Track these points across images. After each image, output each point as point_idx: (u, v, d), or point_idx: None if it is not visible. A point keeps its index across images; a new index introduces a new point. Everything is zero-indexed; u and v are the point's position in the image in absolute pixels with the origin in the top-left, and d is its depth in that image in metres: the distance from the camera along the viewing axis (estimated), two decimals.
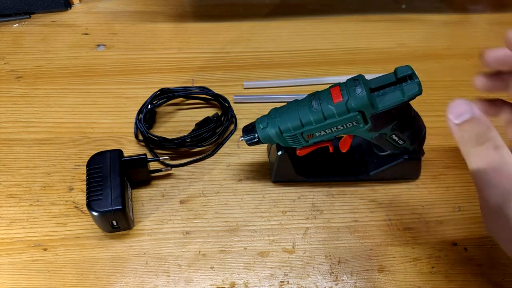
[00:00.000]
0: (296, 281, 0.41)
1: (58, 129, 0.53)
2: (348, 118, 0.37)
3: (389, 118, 0.38)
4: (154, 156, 0.50)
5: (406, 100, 0.36)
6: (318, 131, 0.39)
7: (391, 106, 0.36)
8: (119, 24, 0.68)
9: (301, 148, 0.42)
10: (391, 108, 0.36)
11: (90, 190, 0.41)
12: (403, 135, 0.41)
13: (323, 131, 0.39)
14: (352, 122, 0.38)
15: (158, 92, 0.54)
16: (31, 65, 0.61)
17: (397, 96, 0.36)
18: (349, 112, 0.37)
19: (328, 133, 0.39)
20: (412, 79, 0.36)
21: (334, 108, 0.37)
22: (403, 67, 0.36)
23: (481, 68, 0.35)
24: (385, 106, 0.36)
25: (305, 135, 0.39)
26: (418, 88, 0.35)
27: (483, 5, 0.72)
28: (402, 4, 0.72)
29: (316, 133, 0.39)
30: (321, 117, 0.37)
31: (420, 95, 0.36)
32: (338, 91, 0.37)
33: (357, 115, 0.37)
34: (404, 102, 0.36)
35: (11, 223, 0.45)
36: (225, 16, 0.69)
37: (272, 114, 0.40)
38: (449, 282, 0.41)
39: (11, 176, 0.49)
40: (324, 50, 0.64)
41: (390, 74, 0.37)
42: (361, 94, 0.36)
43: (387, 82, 0.37)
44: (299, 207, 0.46)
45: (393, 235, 0.44)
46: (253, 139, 0.41)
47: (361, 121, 0.37)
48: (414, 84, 0.35)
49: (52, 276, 0.41)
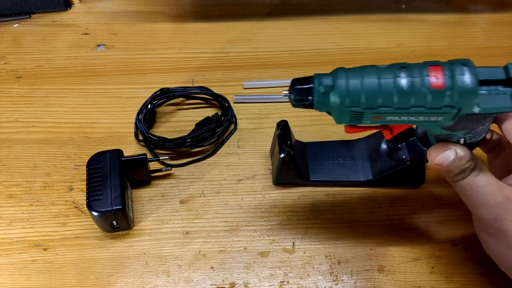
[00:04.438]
0: (296, 281, 0.41)
1: (58, 129, 0.53)
2: (441, 112, 0.29)
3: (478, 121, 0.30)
4: (154, 156, 0.50)
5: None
6: (394, 115, 0.30)
7: (494, 111, 0.28)
8: (119, 24, 0.68)
9: (355, 126, 0.32)
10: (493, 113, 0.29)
11: (90, 190, 0.41)
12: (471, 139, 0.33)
13: (397, 117, 0.30)
14: (439, 118, 0.29)
15: (158, 92, 0.54)
16: (31, 65, 0.61)
17: (506, 102, 0.28)
18: (446, 106, 0.28)
19: (402, 120, 0.30)
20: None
21: (430, 95, 0.28)
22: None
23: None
24: (486, 109, 0.28)
25: (373, 115, 0.30)
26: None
27: (483, 5, 0.72)
28: (402, 4, 0.72)
29: (388, 117, 0.30)
30: (408, 101, 0.28)
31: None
32: (439, 71, 0.28)
33: (452, 111, 0.28)
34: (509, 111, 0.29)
35: (11, 223, 0.45)
36: (225, 16, 0.69)
37: (340, 76, 0.30)
38: (449, 282, 0.41)
39: (11, 176, 0.49)
40: (324, 50, 0.64)
41: (499, 69, 0.29)
42: (470, 86, 0.27)
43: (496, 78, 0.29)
44: (299, 207, 0.46)
45: (393, 235, 0.44)
46: (303, 101, 0.30)
47: (452, 118, 0.29)
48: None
49: (52, 276, 0.41)
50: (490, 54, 0.63)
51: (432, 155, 0.34)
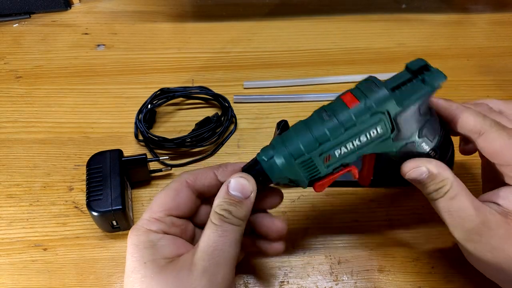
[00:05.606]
0: (296, 281, 0.41)
1: (58, 129, 0.53)
2: (372, 123, 0.31)
3: (417, 117, 0.32)
4: (154, 156, 0.50)
5: (433, 91, 0.31)
6: (337, 147, 0.31)
7: (419, 99, 0.31)
8: (119, 24, 0.68)
9: (320, 179, 0.33)
10: (418, 102, 0.31)
11: (90, 190, 0.41)
12: (433, 141, 0.34)
13: (343, 148, 0.32)
14: (377, 129, 0.31)
15: (158, 92, 0.54)
16: (31, 65, 0.61)
17: (422, 87, 0.31)
18: (372, 115, 0.31)
19: (350, 150, 0.32)
20: (429, 70, 0.32)
21: (352, 113, 0.31)
22: (414, 61, 0.32)
23: (481, 68, 0.35)
24: (412, 100, 0.31)
25: (322, 158, 0.32)
26: (443, 74, 0.31)
27: (483, 5, 0.72)
28: (402, 4, 0.72)
29: (335, 152, 0.32)
30: (339, 128, 0.31)
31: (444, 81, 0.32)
32: (350, 96, 0.31)
33: (382, 117, 0.31)
34: (430, 94, 0.32)
35: (11, 223, 0.45)
36: (225, 16, 0.69)
37: (276, 141, 0.33)
38: (449, 282, 0.41)
39: (11, 176, 0.49)
40: (324, 50, 0.64)
41: (403, 72, 0.32)
42: (380, 90, 0.31)
43: (403, 80, 0.32)
44: (299, 207, 0.46)
45: (393, 235, 0.44)
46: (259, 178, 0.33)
47: (388, 125, 0.31)
48: (435, 72, 0.31)
49: (52, 276, 0.41)
50: (490, 54, 0.63)
51: (404, 169, 0.33)
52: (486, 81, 0.60)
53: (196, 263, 0.29)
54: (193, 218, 0.35)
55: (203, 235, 0.30)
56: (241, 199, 0.31)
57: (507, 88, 0.59)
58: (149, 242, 0.31)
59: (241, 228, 0.31)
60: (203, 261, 0.29)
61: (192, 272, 0.29)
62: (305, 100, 0.57)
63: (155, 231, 0.32)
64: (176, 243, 0.32)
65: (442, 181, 0.32)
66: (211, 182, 0.34)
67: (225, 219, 0.30)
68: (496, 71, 0.61)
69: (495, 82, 0.59)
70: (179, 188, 0.33)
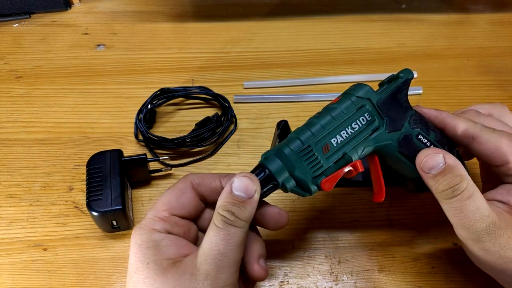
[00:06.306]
0: (296, 281, 0.41)
1: (58, 129, 0.53)
2: (358, 109, 0.34)
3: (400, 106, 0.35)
4: (154, 156, 0.50)
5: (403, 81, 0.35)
6: (332, 135, 0.33)
7: (393, 88, 0.35)
8: (119, 24, 0.68)
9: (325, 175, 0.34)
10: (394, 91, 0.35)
11: (90, 190, 0.41)
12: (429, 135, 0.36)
13: (339, 136, 0.33)
14: (365, 116, 0.34)
15: (158, 92, 0.54)
16: (31, 65, 0.61)
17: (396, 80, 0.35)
18: (355, 103, 0.34)
19: (345, 138, 0.33)
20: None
21: (337, 104, 0.34)
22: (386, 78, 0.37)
23: (481, 68, 0.35)
24: (388, 88, 0.35)
25: (320, 147, 0.33)
26: (409, 70, 0.36)
27: (483, 5, 0.72)
28: (402, 4, 0.72)
29: (331, 141, 0.33)
30: (327, 117, 0.34)
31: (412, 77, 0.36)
32: (335, 99, 0.35)
33: (365, 103, 0.34)
34: (403, 83, 0.35)
35: (11, 223, 0.45)
36: (225, 16, 0.69)
37: (276, 145, 0.35)
38: (449, 282, 0.41)
39: (11, 176, 0.49)
40: (324, 50, 0.64)
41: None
42: (358, 85, 0.35)
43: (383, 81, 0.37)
44: (299, 207, 0.46)
45: (393, 235, 0.44)
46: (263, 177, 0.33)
47: (374, 112, 0.34)
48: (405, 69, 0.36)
49: (52, 276, 0.41)
50: (490, 54, 0.63)
51: (419, 158, 0.32)
52: (486, 81, 0.60)
53: (198, 267, 0.29)
54: (197, 221, 0.35)
55: (205, 238, 0.30)
56: (245, 199, 0.31)
57: (507, 88, 0.59)
58: (152, 242, 0.31)
59: (245, 230, 0.31)
60: (206, 264, 0.29)
61: (194, 276, 0.29)
62: (305, 100, 0.57)
63: (159, 230, 0.31)
64: (179, 243, 0.32)
65: (460, 176, 0.31)
66: (216, 187, 0.34)
67: (228, 222, 0.30)
68: (496, 71, 0.61)
69: (495, 82, 0.60)
70: (184, 188, 0.33)
